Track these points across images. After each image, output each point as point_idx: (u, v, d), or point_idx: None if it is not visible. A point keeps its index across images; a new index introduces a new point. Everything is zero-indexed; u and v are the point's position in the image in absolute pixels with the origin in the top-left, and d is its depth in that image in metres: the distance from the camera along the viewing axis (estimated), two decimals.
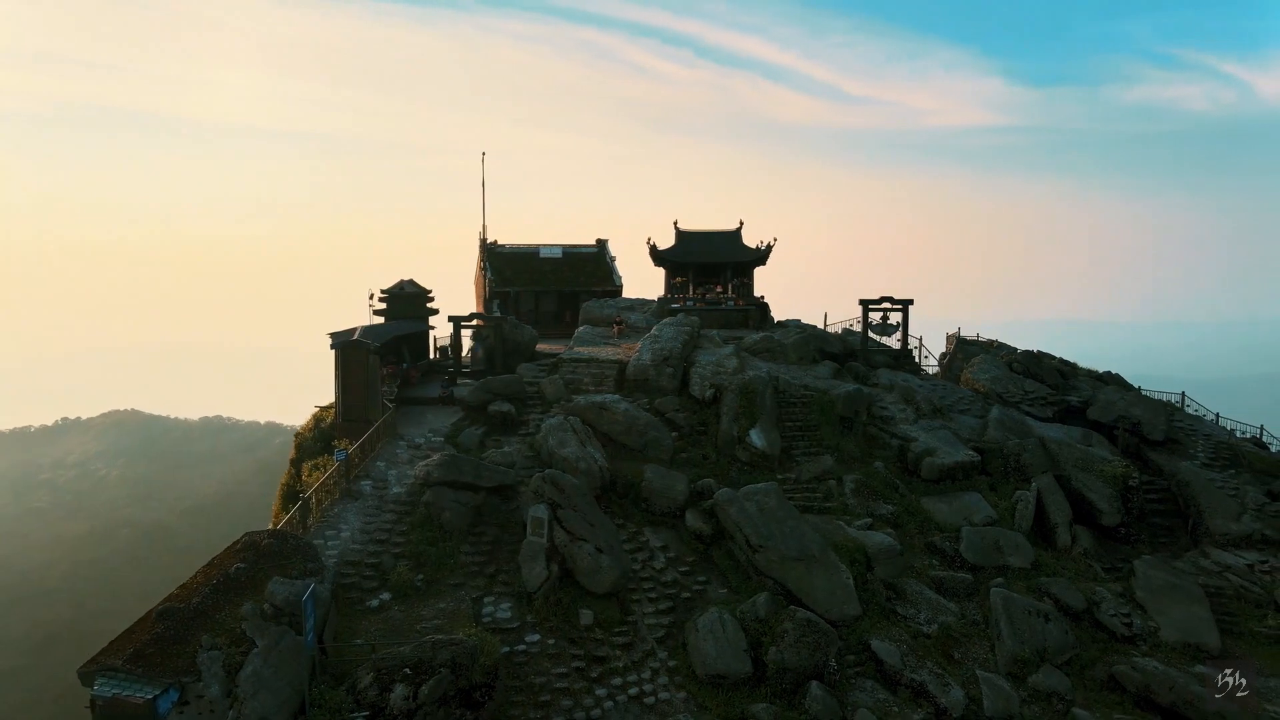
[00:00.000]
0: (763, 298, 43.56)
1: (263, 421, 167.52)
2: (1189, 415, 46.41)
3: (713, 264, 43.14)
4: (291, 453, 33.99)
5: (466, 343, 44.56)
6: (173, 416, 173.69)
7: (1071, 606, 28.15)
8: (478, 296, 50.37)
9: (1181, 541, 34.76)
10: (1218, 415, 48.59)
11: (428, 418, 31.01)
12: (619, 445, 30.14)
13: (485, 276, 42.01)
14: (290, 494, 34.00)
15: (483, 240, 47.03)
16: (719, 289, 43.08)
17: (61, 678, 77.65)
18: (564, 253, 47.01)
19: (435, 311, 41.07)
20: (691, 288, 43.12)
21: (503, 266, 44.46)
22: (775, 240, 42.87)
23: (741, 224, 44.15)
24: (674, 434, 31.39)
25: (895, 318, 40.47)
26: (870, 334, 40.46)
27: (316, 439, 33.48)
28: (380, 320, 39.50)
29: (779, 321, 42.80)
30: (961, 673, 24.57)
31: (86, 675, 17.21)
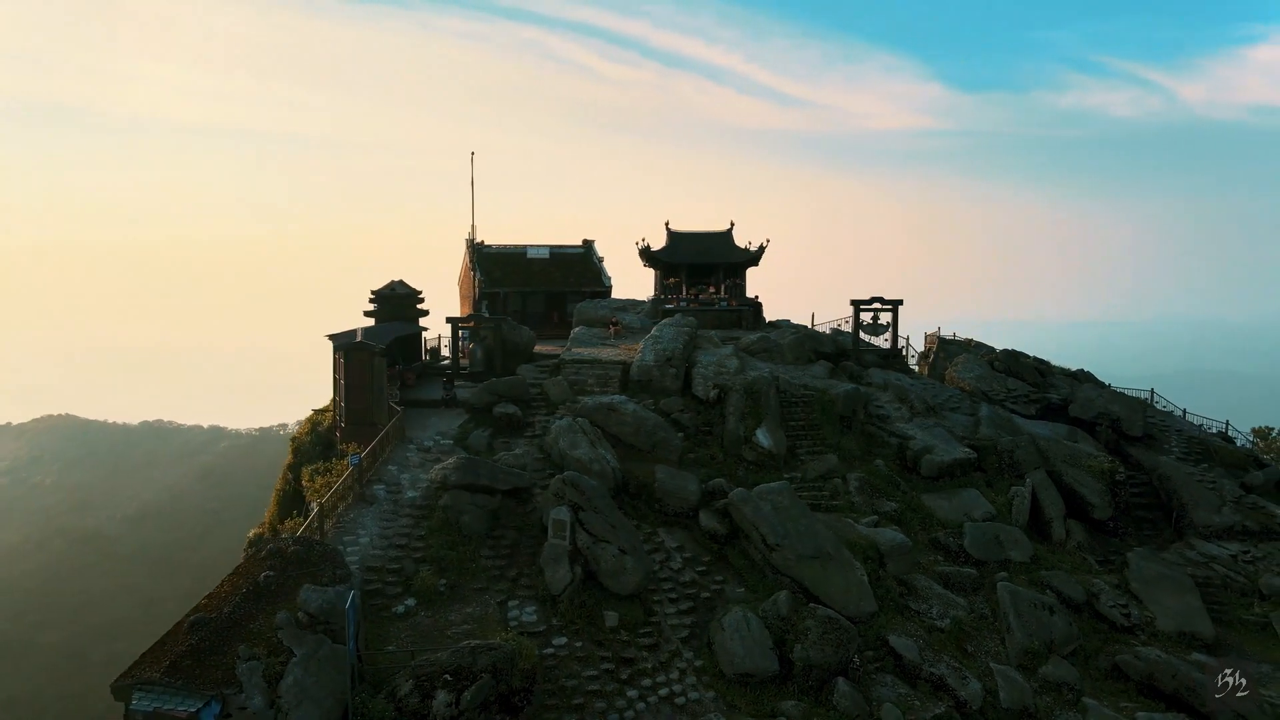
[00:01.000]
0: (756, 298, 43.92)
1: (205, 425, 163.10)
2: (1159, 411, 48.00)
3: (705, 265, 43.35)
4: (288, 458, 33.29)
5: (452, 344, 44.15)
6: (110, 421, 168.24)
7: (1072, 599, 28.92)
8: (462, 297, 49.85)
9: (1165, 534, 35.94)
10: (1185, 411, 50.40)
11: (432, 420, 30.61)
12: (627, 446, 30.11)
13: (475, 277, 41.59)
14: (286, 499, 33.38)
15: (469, 241, 46.54)
16: (711, 289, 43.30)
17: (2, 690, 74.74)
18: (551, 253, 46.78)
19: (426, 313, 40.56)
20: (684, 288, 43.26)
21: (491, 267, 44.10)
22: (768, 241, 43.31)
23: (732, 225, 44.50)
24: (679, 434, 31.45)
25: (885, 318, 41.09)
26: (862, 334, 41.00)
27: (314, 443, 32.87)
28: (370, 322, 38.87)
29: (770, 321, 43.17)
30: (976, 666, 25.06)
31: (122, 689, 16.66)
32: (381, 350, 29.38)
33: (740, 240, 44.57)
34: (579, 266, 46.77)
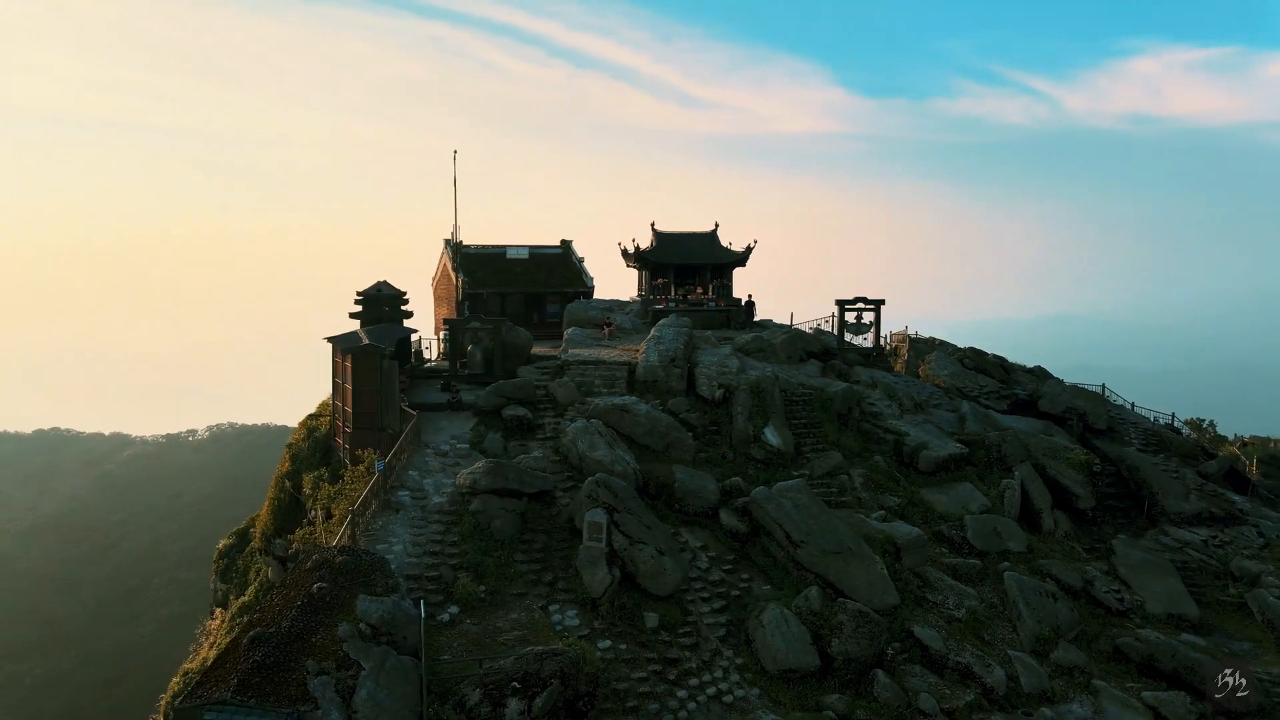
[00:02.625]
0: (749, 297, 44.41)
1: (107, 433, 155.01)
2: (1114, 405, 50.43)
3: (691, 265, 43.58)
4: (284, 464, 32.13)
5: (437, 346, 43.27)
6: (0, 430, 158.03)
7: (1071, 585, 30.17)
8: (438, 298, 48.91)
9: (1138, 522, 37.76)
10: (1134, 404, 53.11)
11: (441, 424, 29.97)
12: (641, 447, 30.09)
13: (458, 278, 40.86)
14: (283, 507, 32.28)
15: (449, 241, 45.69)
16: (699, 290, 43.57)
17: None
18: (530, 253, 46.31)
19: (410, 314, 39.72)
20: (673, 289, 43.41)
21: (473, 268, 43.40)
22: (755, 243, 43.78)
23: (717, 225, 44.85)
24: (689, 434, 31.58)
25: (868, 317, 42.06)
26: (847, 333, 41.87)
27: (312, 449, 31.84)
28: (356, 324, 37.88)
29: (757, 321, 43.68)
30: (995, 653, 25.92)
31: (190, 711, 15.91)
32: (390, 353, 28.67)
33: (720, 241, 44.95)
34: (559, 267, 46.45)
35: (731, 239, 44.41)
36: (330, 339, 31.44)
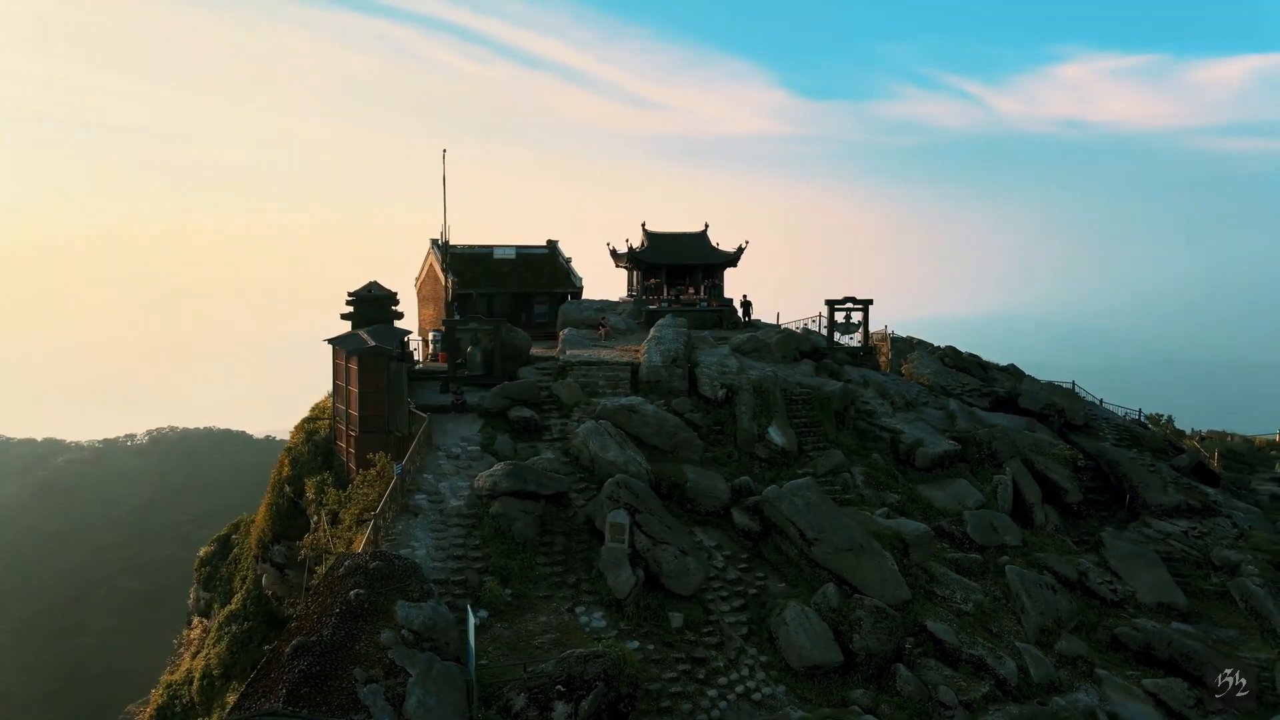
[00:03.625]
0: (745, 296, 44.70)
1: (39, 439, 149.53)
2: (1086, 401, 51.95)
3: (683, 265, 43.72)
4: (284, 469, 31.42)
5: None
6: None
7: (1067, 577, 31.00)
8: (422, 299, 48.27)
9: (1120, 515, 38.94)
10: (1102, 400, 54.78)
11: (448, 426, 29.61)
12: (649, 448, 30.14)
13: (448, 278, 40.41)
14: (281, 513, 31.64)
15: (436, 241, 45.10)
16: (691, 290, 43.74)
17: None
18: (517, 253, 45.97)
19: (400, 315, 39.13)
20: (665, 289, 43.48)
21: (462, 268, 42.97)
22: (747, 243, 44.08)
23: (707, 226, 45.04)
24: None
25: (856, 317, 42.65)
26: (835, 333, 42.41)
27: (312, 453, 31.21)
28: (348, 325, 37.23)
29: (748, 320, 43.99)
30: (1004, 645, 26.53)
31: None
32: (398, 355, 28.23)
33: (698, 240, 45.15)
34: (546, 267, 46.20)
35: (712, 239, 44.82)
36: (332, 340, 30.81)
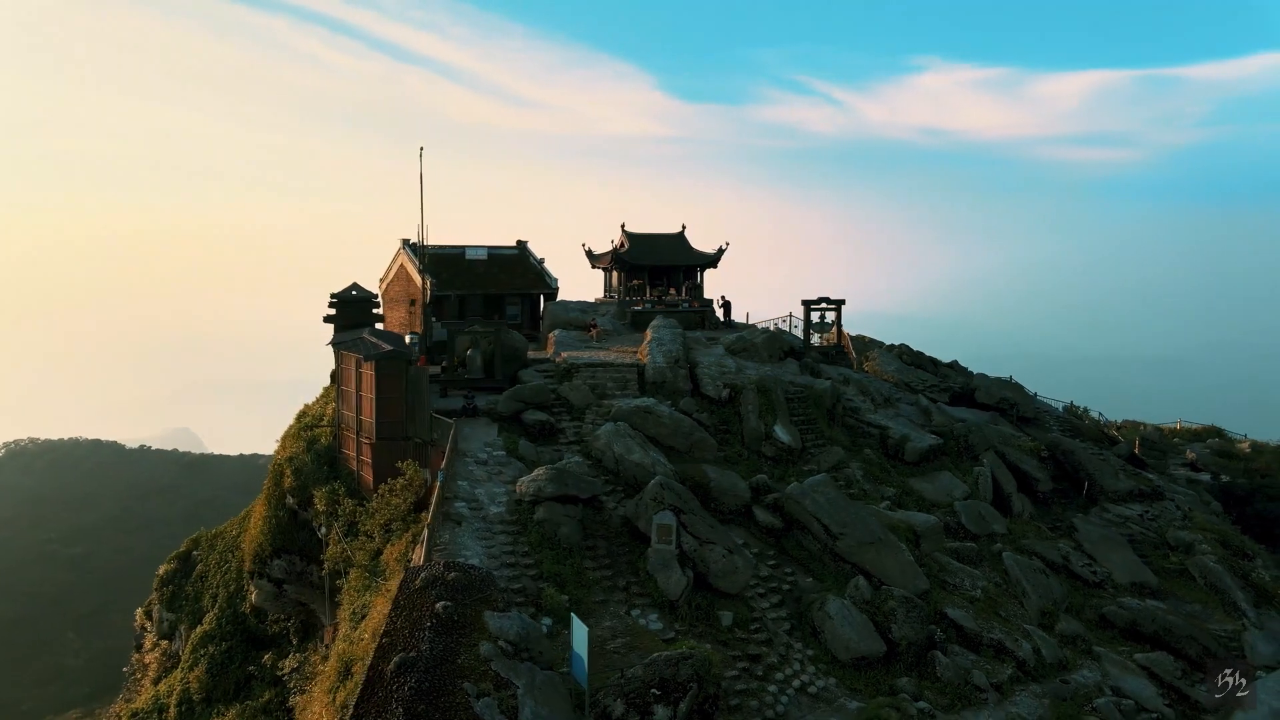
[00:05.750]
0: (724, 297, 45.23)
1: None
2: (1026, 394, 55.00)
3: (665, 266, 43.92)
4: (286, 480, 29.99)
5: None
6: None
7: (1053, 562, 32.88)
8: (389, 301, 46.74)
9: (1078, 501, 41.49)
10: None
11: (465, 431, 28.89)
12: (665, 448, 30.30)
13: (426, 280, 39.35)
14: (282, 526, 30.27)
15: (405, 241, 43.81)
16: (672, 291, 43.96)
17: None
18: (489, 254, 45.16)
19: (381, 317, 37.96)
20: (648, 289, 43.56)
21: (437, 270, 41.92)
22: (727, 245, 44.63)
23: (684, 227, 45.39)
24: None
25: (830, 316, 43.89)
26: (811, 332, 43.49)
27: (316, 462, 29.95)
28: (330, 327, 35.86)
29: (728, 321, 44.57)
30: (1015, 629, 27.97)
31: None
32: (415, 358, 27.42)
33: (674, 241, 45.59)
34: (518, 268, 45.57)
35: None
36: (338, 345, 29.57)
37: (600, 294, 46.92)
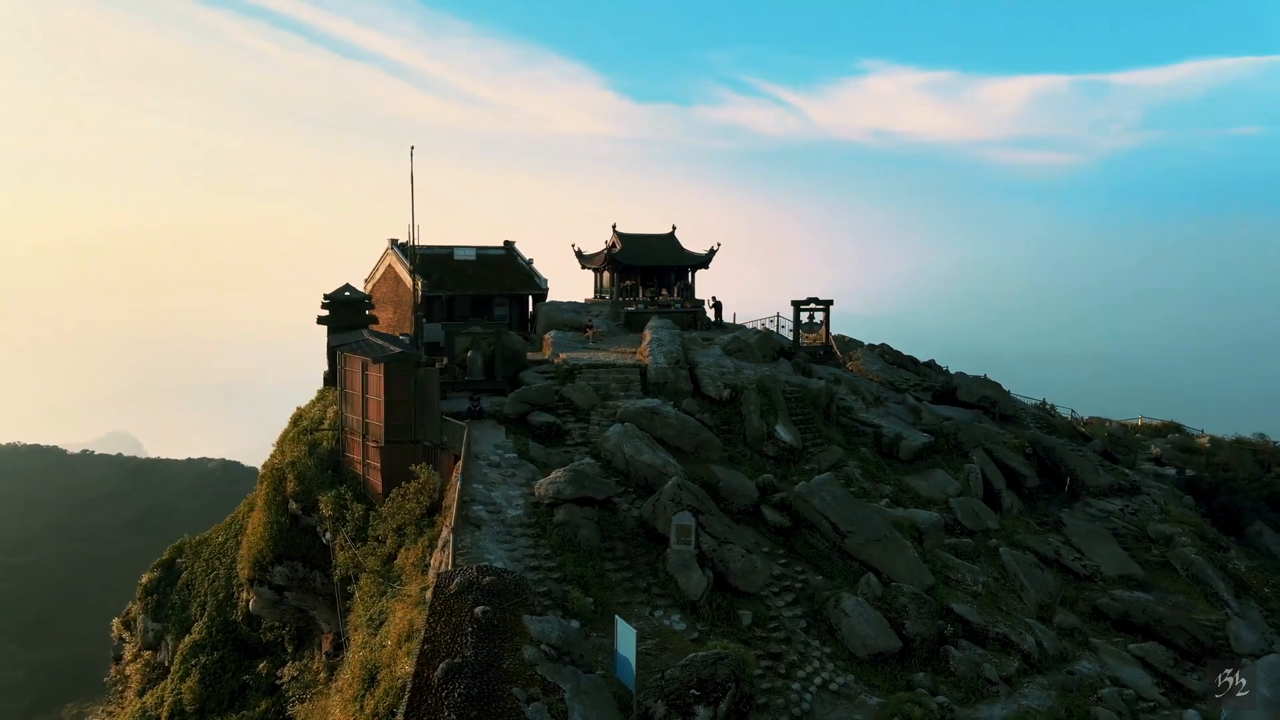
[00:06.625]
0: (715, 298, 45.44)
1: None
2: (1005, 392, 56.19)
3: (658, 267, 43.98)
4: (288, 485, 29.41)
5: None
6: None
7: (1046, 556, 33.71)
8: (376, 302, 45.96)
9: (1060, 497, 42.58)
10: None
11: (474, 434, 28.60)
12: (672, 448, 30.39)
13: (417, 281, 38.91)
14: (283, 532, 29.72)
15: (393, 241, 43.21)
16: (664, 291, 44.03)
17: None
18: (477, 254, 44.79)
19: (375, 319, 37.47)
20: (640, 290, 43.58)
21: (428, 270, 41.43)
22: (719, 245, 44.87)
23: (674, 228, 45.49)
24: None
25: (819, 317, 44.37)
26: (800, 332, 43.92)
27: (319, 467, 29.44)
28: (324, 328, 35.33)
29: (718, 322, 44.78)
30: (1018, 622, 28.61)
31: None
32: (427, 361, 27.11)
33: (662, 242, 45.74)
34: (506, 268, 45.27)
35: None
36: (341, 346, 29.05)
37: (589, 294, 46.89)
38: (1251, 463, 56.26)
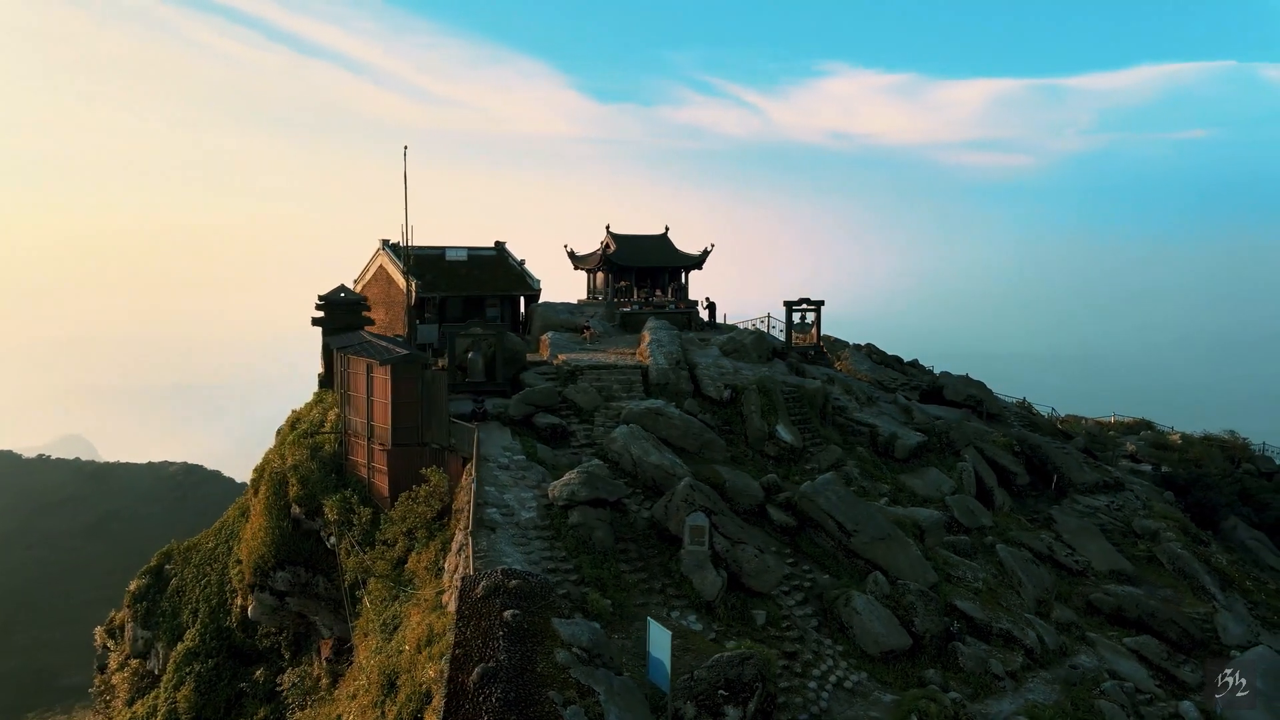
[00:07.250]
0: (708, 298, 45.56)
1: None
2: (990, 391, 57.05)
3: (652, 268, 43.99)
4: (292, 489, 29.01)
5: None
6: None
7: (1040, 552, 34.30)
8: (370, 303, 45.43)
9: (1048, 493, 43.35)
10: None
11: (479, 436, 28.45)
12: (675, 449, 30.44)
13: (410, 282, 38.56)
14: (285, 537, 29.32)
15: (385, 241, 42.74)
16: (658, 292, 44.06)
17: None
18: (469, 255, 44.48)
19: (371, 321, 37.10)
20: (634, 291, 43.57)
21: (421, 271, 41.06)
22: (712, 246, 44.97)
23: (667, 229, 45.57)
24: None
25: (810, 317, 44.73)
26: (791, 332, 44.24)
27: (322, 470, 29.08)
28: (319, 329, 34.92)
29: (712, 322, 44.90)
30: (1019, 618, 29.09)
31: None
32: (433, 363, 26.88)
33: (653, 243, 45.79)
34: (498, 269, 45.02)
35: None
36: (343, 348, 28.67)
37: (579, 295, 46.81)
38: (1221, 459, 57.80)
